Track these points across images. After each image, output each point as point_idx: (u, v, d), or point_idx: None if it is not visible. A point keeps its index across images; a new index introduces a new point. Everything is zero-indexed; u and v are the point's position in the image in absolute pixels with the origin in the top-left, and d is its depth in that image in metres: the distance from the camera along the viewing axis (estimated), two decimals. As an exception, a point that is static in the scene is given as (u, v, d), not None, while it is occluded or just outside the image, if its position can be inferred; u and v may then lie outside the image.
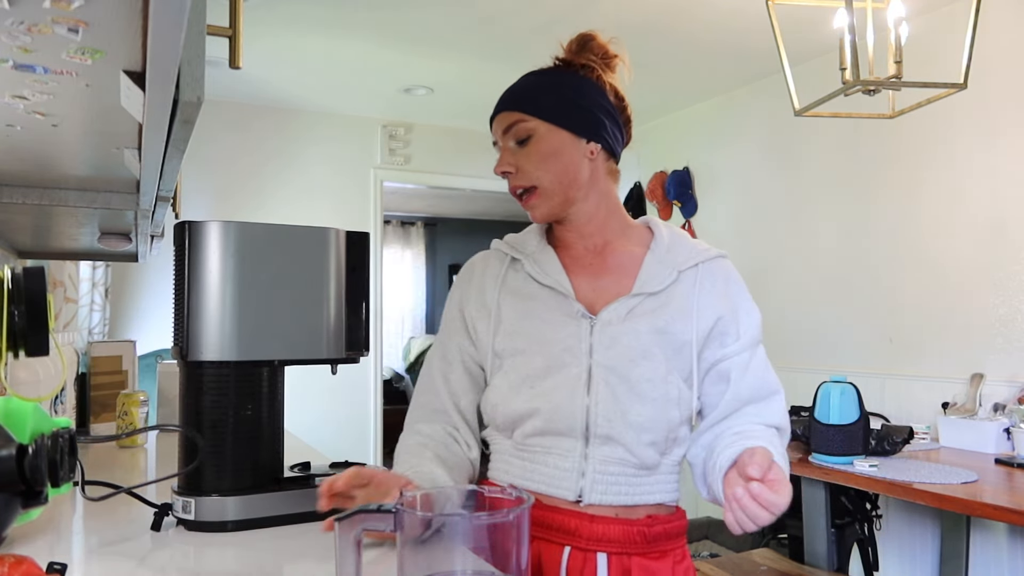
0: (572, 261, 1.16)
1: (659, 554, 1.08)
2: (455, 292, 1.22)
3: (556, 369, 1.07)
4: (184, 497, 1.04)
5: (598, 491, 1.05)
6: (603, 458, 1.05)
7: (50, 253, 1.97)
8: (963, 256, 2.96)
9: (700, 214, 4.38)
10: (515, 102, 1.14)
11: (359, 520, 0.66)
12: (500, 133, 1.15)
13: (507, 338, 1.12)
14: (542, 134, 1.11)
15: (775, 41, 2.24)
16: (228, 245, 1.05)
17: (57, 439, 0.89)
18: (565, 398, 1.06)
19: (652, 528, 1.07)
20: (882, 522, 2.98)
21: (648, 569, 1.06)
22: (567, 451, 1.06)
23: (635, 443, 1.05)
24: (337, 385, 4.38)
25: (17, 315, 1.08)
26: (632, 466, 1.06)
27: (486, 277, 1.18)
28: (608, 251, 1.16)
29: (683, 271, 1.13)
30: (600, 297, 1.11)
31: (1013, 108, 2.80)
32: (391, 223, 8.19)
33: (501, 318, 1.14)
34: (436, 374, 1.18)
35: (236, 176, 4.32)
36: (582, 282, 1.13)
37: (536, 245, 1.18)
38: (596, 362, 1.07)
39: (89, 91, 0.63)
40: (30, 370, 1.41)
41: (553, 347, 1.08)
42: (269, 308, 1.08)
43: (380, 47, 3.50)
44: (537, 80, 1.15)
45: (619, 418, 1.05)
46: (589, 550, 1.05)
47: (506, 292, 1.15)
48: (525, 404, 1.07)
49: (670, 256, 1.14)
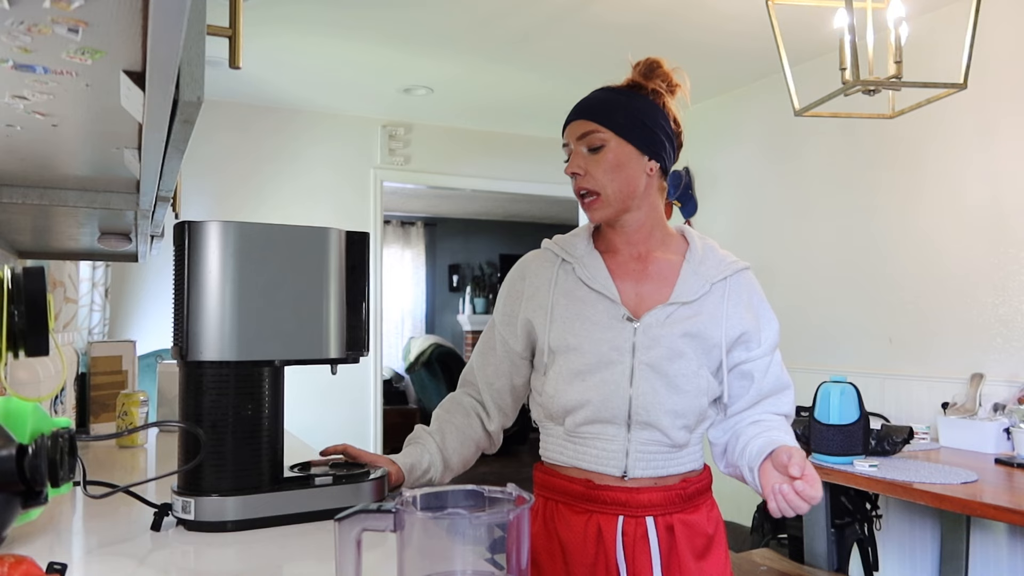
0: (617, 267, 1.31)
1: (694, 508, 1.28)
2: (510, 287, 1.38)
3: (604, 365, 1.23)
4: (184, 497, 1.04)
5: (639, 467, 1.23)
6: (643, 440, 1.23)
7: (50, 253, 1.97)
8: (963, 256, 2.96)
9: (700, 214, 4.39)
10: (592, 113, 1.27)
11: (359, 520, 0.66)
12: (574, 138, 1.28)
13: (560, 336, 1.27)
14: (612, 146, 1.25)
15: (775, 41, 2.24)
16: (228, 245, 1.05)
17: (57, 439, 0.89)
18: (612, 391, 1.23)
19: (687, 490, 1.27)
20: (882, 522, 2.98)
21: (686, 522, 1.26)
22: (613, 436, 1.24)
23: (670, 427, 1.23)
24: (337, 385, 4.38)
25: (17, 315, 1.08)
26: (667, 446, 1.24)
27: (540, 278, 1.33)
28: (650, 259, 1.31)
29: (715, 283, 1.29)
30: (643, 302, 1.27)
31: (1013, 108, 2.80)
32: (391, 223, 8.19)
33: (554, 317, 1.29)
34: (476, 355, 1.40)
35: (236, 176, 4.32)
36: (626, 287, 1.29)
37: (584, 248, 1.33)
38: (639, 360, 1.23)
39: (89, 91, 0.63)
40: (30, 370, 1.41)
41: (601, 346, 1.24)
42: (269, 308, 1.08)
43: (380, 47, 3.50)
44: (613, 97, 1.29)
45: (657, 407, 1.22)
46: (639, 516, 1.24)
47: (559, 293, 1.30)
48: (578, 395, 1.24)
49: (703, 268, 1.30)
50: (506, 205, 7.49)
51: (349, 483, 1.12)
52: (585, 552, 1.24)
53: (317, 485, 1.09)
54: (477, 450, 1.38)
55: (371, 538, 0.69)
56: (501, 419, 1.39)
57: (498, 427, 1.39)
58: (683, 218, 4.48)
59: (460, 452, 1.34)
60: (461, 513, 0.68)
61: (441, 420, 1.36)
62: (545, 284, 1.32)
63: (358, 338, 1.17)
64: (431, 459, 1.30)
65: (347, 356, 1.16)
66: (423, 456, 1.29)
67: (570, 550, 1.26)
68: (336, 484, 1.11)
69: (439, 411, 1.39)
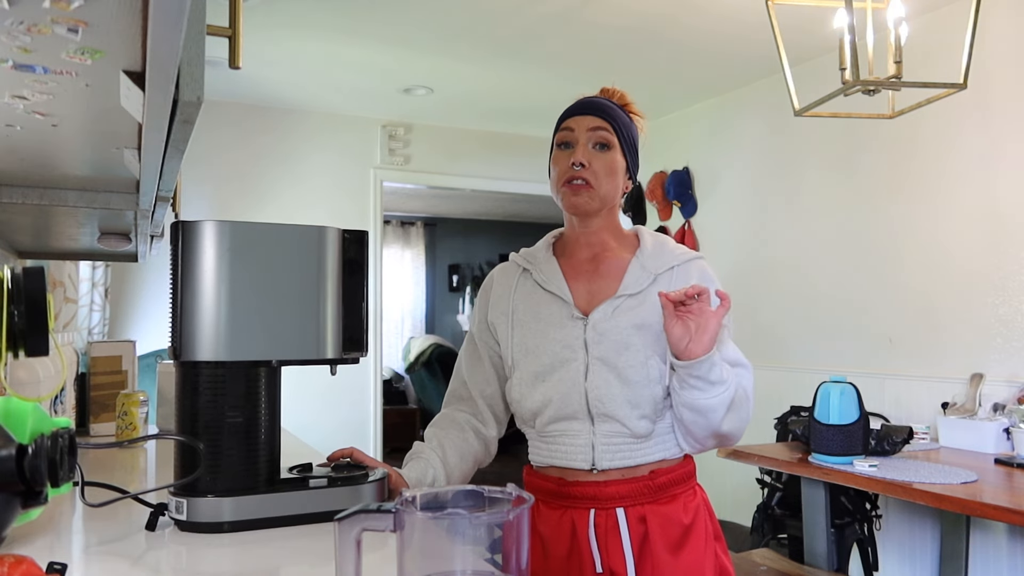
0: (572, 269, 1.36)
1: (669, 498, 1.29)
2: (481, 298, 1.45)
3: (560, 364, 1.29)
4: (179, 498, 1.03)
5: (607, 459, 1.27)
6: (607, 432, 1.27)
7: (50, 253, 1.97)
8: (963, 256, 2.96)
9: (700, 214, 4.38)
10: (606, 115, 1.32)
11: (359, 520, 0.66)
12: (584, 130, 1.31)
13: (520, 339, 1.33)
14: (616, 153, 1.32)
15: (775, 41, 2.24)
16: (223, 245, 1.05)
17: (57, 439, 0.89)
18: (569, 388, 1.27)
19: (656, 480, 1.28)
20: (882, 522, 2.98)
21: (659, 513, 1.28)
22: (578, 431, 1.28)
23: (628, 418, 1.26)
24: (337, 385, 4.38)
25: (17, 315, 1.08)
26: (630, 436, 1.27)
27: (503, 287, 1.40)
28: (602, 258, 1.36)
29: (659, 274, 1.32)
30: (593, 300, 1.32)
31: (1013, 108, 2.80)
32: (391, 223, 8.19)
33: (515, 322, 1.35)
34: (464, 367, 1.44)
35: (236, 176, 4.32)
36: (579, 287, 1.34)
37: (544, 255, 1.39)
38: (591, 355, 1.27)
39: (89, 91, 0.63)
40: (30, 370, 1.41)
41: (555, 345, 1.30)
42: (265, 308, 1.07)
43: (380, 47, 3.50)
44: (617, 109, 1.35)
45: (612, 399, 1.26)
46: (609, 508, 1.27)
47: (518, 299, 1.37)
48: (540, 397, 1.29)
49: (650, 261, 1.34)
50: (506, 205, 7.48)
51: (345, 485, 1.11)
52: (561, 545, 1.28)
53: (313, 487, 1.09)
54: (475, 465, 1.41)
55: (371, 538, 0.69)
56: (497, 425, 1.43)
57: (496, 433, 1.43)
58: (683, 218, 4.48)
59: (460, 467, 1.35)
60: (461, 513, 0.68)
61: (439, 436, 1.37)
62: (506, 292, 1.39)
63: (357, 338, 1.16)
64: (435, 473, 1.30)
65: (346, 356, 1.15)
66: (427, 471, 1.30)
67: (548, 544, 1.30)
68: (332, 486, 1.10)
69: (434, 429, 1.39)
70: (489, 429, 1.42)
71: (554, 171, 1.34)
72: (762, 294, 3.91)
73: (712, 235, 4.31)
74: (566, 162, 1.31)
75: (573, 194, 1.30)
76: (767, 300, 3.90)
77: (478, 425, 1.41)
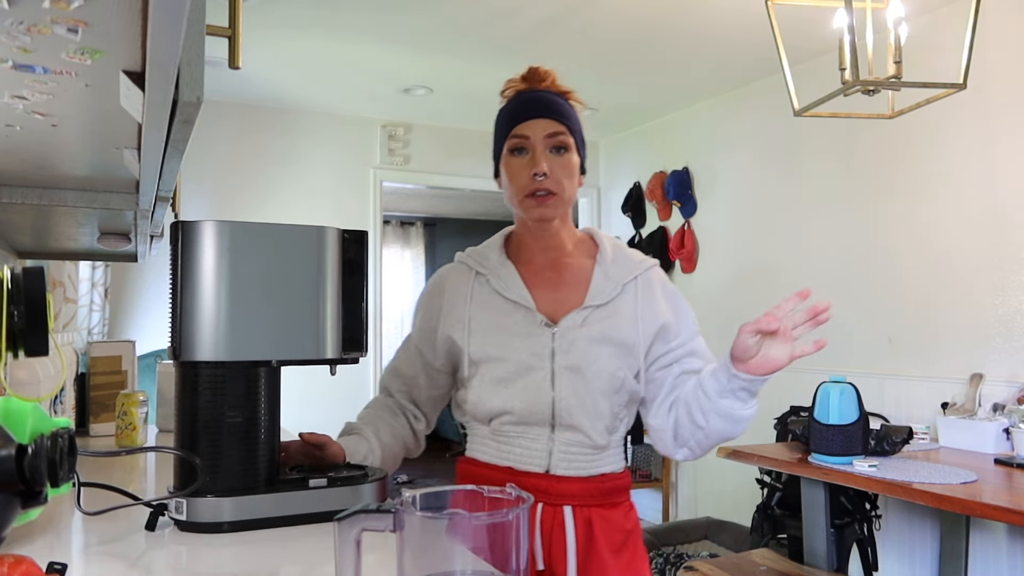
0: (532, 275, 1.33)
1: (612, 505, 1.31)
2: (428, 302, 1.40)
3: (525, 372, 1.27)
4: (179, 498, 1.03)
5: (562, 467, 1.27)
6: (566, 441, 1.27)
7: (50, 253, 1.97)
8: (963, 256, 2.96)
9: (700, 214, 4.39)
10: (560, 115, 1.28)
11: (359, 520, 0.66)
12: (541, 136, 1.27)
13: (481, 347, 1.29)
14: (572, 153, 1.29)
15: (775, 41, 2.24)
16: (222, 244, 1.05)
17: (56, 439, 0.89)
18: (535, 396, 1.26)
19: (605, 484, 1.29)
20: (881, 522, 2.98)
21: (604, 517, 1.29)
22: (537, 436, 1.27)
23: (592, 429, 1.26)
24: (337, 385, 4.37)
25: (17, 315, 1.08)
26: (589, 447, 1.27)
27: (456, 293, 1.35)
28: (563, 265, 1.34)
29: (625, 284, 1.31)
30: (559, 308, 1.30)
31: (1013, 108, 2.80)
32: (390, 223, 8.18)
33: (473, 329, 1.31)
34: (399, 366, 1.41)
35: (235, 176, 4.32)
36: (542, 294, 1.31)
37: (497, 260, 1.35)
38: (558, 364, 1.26)
39: (89, 91, 0.63)
40: (30, 370, 1.41)
41: (522, 354, 1.27)
42: (264, 308, 1.07)
43: (379, 47, 3.50)
44: (565, 105, 1.31)
45: (579, 409, 1.25)
46: (557, 504, 1.26)
47: (476, 306, 1.32)
48: (501, 402, 1.27)
49: (614, 269, 1.32)
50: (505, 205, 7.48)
51: (345, 485, 1.11)
52: None
53: (313, 487, 1.09)
54: (404, 449, 1.40)
55: (371, 538, 0.69)
56: (426, 421, 1.43)
57: (424, 428, 1.43)
58: (683, 218, 4.48)
59: (392, 448, 1.35)
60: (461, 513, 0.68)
61: (372, 416, 1.37)
62: (461, 298, 1.34)
63: (356, 338, 1.16)
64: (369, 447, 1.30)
65: (345, 356, 1.15)
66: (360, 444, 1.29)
67: None
68: (332, 486, 1.10)
69: (367, 411, 1.39)
70: (419, 423, 1.42)
71: (512, 182, 1.29)
72: (761, 294, 3.91)
73: (712, 235, 4.31)
74: (527, 173, 1.26)
75: (539, 206, 1.26)
76: (766, 300, 3.89)
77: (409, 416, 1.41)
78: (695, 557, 3.22)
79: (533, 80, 1.35)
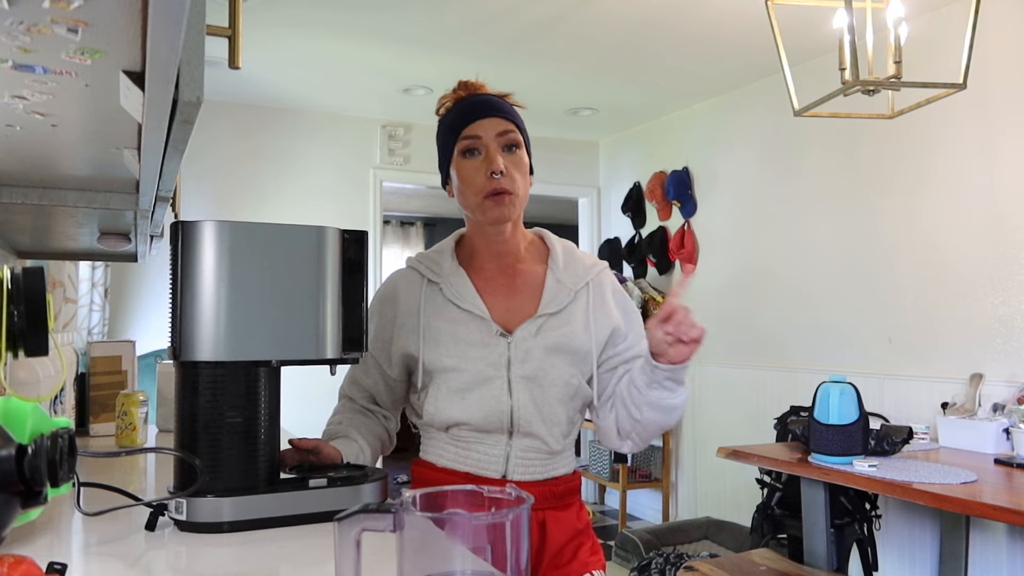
0: (485, 283, 1.33)
1: (564, 506, 1.34)
2: (380, 311, 1.37)
3: (482, 381, 1.27)
4: (179, 498, 1.03)
5: (519, 472, 1.29)
6: (524, 447, 1.29)
7: (50, 253, 1.97)
8: (963, 256, 2.96)
9: (699, 214, 4.39)
10: (507, 114, 1.30)
11: (359, 520, 0.66)
12: (493, 134, 1.28)
13: (436, 358, 1.29)
14: (522, 151, 1.30)
15: (775, 41, 2.24)
16: (222, 245, 1.05)
17: (56, 439, 0.89)
18: (492, 405, 1.27)
19: (558, 487, 1.33)
20: (881, 522, 2.98)
21: (557, 518, 1.32)
22: (495, 443, 1.29)
23: (549, 435, 1.29)
24: (337, 385, 4.38)
25: (17, 315, 1.08)
26: (545, 452, 1.30)
27: (409, 302, 1.34)
28: (515, 272, 1.35)
29: (578, 291, 1.33)
30: (513, 317, 1.31)
31: (1013, 108, 2.81)
32: (390, 223, 8.19)
33: (427, 339, 1.31)
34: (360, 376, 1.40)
35: (235, 176, 4.32)
36: (496, 302, 1.32)
37: (450, 267, 1.35)
38: (515, 373, 1.27)
39: (89, 91, 0.63)
40: (30, 370, 1.41)
41: (478, 363, 1.28)
42: (264, 308, 1.07)
43: (380, 47, 3.50)
44: (509, 105, 1.33)
45: (536, 417, 1.28)
46: None
47: (430, 315, 1.32)
48: (459, 412, 1.28)
49: (566, 275, 1.34)
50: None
51: (345, 485, 1.11)
52: None
53: (313, 487, 1.09)
54: (382, 447, 1.40)
55: (371, 538, 0.69)
56: (395, 420, 1.44)
57: (394, 427, 1.44)
58: (683, 218, 4.48)
59: (375, 447, 1.36)
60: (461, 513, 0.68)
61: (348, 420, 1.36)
62: (414, 308, 1.33)
63: (356, 338, 1.16)
64: (359, 447, 1.30)
65: (345, 356, 1.15)
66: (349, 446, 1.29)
67: None
68: (332, 486, 1.10)
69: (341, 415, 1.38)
70: (389, 423, 1.43)
71: (467, 184, 1.28)
72: (761, 294, 3.91)
73: (711, 235, 4.31)
74: (482, 173, 1.26)
75: (498, 206, 1.26)
76: (766, 300, 3.90)
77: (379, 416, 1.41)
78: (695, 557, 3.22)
79: (470, 90, 1.37)
